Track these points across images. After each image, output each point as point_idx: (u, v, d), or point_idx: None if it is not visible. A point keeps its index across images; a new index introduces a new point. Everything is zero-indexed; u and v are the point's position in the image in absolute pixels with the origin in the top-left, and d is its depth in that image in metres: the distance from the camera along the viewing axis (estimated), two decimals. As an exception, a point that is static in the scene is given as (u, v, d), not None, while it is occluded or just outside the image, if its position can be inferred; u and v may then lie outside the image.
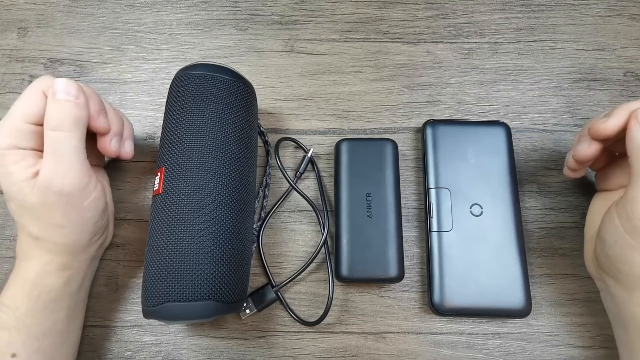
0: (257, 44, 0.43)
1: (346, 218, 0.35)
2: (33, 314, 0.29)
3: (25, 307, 0.29)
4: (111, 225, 0.36)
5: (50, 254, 0.30)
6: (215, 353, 0.35)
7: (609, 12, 0.44)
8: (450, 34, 0.43)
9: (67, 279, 0.31)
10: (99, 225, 0.33)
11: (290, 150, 0.40)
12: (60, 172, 0.28)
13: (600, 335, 0.35)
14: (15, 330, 0.29)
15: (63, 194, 0.28)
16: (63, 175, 0.28)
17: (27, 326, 0.29)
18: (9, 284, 0.30)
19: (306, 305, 0.36)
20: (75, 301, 0.33)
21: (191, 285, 0.28)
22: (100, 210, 0.32)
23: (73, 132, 0.28)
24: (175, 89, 0.34)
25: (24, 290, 0.30)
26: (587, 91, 0.42)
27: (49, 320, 0.30)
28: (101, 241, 0.34)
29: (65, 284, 0.31)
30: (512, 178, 0.37)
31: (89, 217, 0.31)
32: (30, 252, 0.30)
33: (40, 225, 0.30)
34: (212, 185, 0.30)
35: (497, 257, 0.35)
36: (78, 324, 0.34)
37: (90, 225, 0.31)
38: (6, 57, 0.43)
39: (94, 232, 0.32)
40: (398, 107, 0.41)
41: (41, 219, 0.29)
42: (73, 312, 0.33)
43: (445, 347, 0.35)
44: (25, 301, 0.29)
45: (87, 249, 0.32)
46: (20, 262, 0.31)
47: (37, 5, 0.44)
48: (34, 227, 0.30)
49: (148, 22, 0.44)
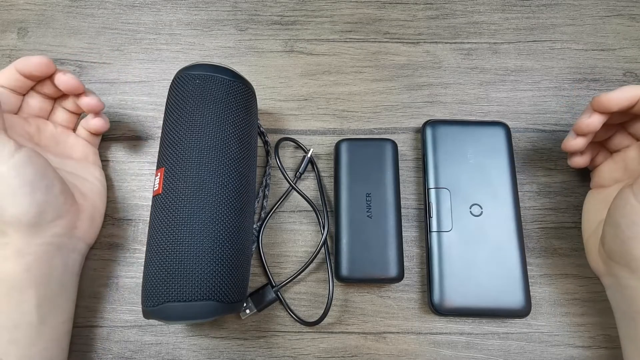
0: (257, 44, 0.43)
1: (346, 218, 0.35)
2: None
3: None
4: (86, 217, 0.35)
5: (3, 236, 0.30)
6: (215, 353, 0.35)
7: (609, 12, 0.44)
8: (449, 34, 0.44)
9: (26, 266, 0.30)
10: (41, 198, 0.31)
11: (290, 151, 0.40)
12: None
13: (600, 335, 0.35)
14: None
15: None
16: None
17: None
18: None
19: (306, 306, 0.36)
20: (45, 294, 0.31)
21: (191, 285, 0.28)
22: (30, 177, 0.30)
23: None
24: (175, 89, 0.34)
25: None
26: (587, 91, 0.42)
27: (17, 311, 0.30)
28: (63, 225, 0.33)
29: (26, 271, 0.30)
30: (511, 178, 0.37)
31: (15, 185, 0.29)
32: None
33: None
34: (212, 186, 0.30)
35: (496, 257, 0.35)
36: (58, 319, 0.32)
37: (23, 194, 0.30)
38: (6, 57, 0.43)
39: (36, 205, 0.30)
40: (398, 107, 0.41)
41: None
42: (47, 306, 0.31)
43: (445, 347, 0.35)
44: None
45: (40, 230, 0.31)
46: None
47: (37, 6, 0.45)
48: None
49: (148, 23, 0.44)
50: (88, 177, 0.37)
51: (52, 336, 0.32)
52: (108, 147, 0.40)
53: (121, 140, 0.40)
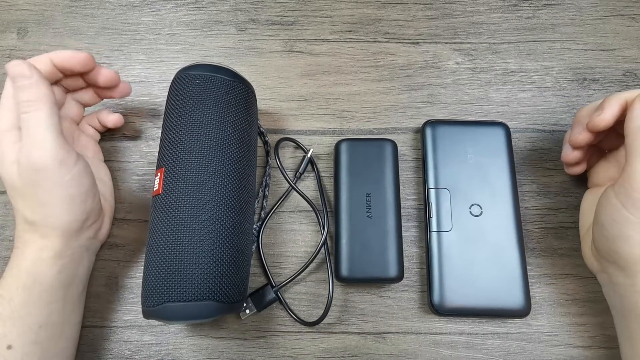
0: (257, 45, 0.43)
1: (346, 218, 0.35)
2: (27, 305, 0.29)
3: (20, 297, 0.29)
4: (107, 218, 0.36)
5: (44, 239, 0.30)
6: (215, 353, 0.35)
7: (608, 12, 0.44)
8: (449, 35, 0.44)
9: (60, 268, 0.31)
10: (90, 206, 0.32)
11: (290, 151, 0.40)
12: (34, 149, 0.29)
13: (600, 335, 0.35)
14: (10, 321, 0.29)
15: (39, 169, 0.29)
16: (34, 150, 0.29)
17: (22, 317, 0.29)
18: (5, 275, 0.30)
19: (306, 306, 0.36)
20: (71, 294, 0.32)
21: (191, 285, 0.28)
22: (86, 187, 0.31)
23: (41, 109, 0.29)
24: (175, 89, 0.34)
25: (19, 280, 0.30)
26: (587, 91, 0.42)
27: (45, 312, 0.30)
28: (95, 228, 0.34)
29: (59, 273, 0.31)
30: (511, 178, 0.37)
31: (75, 194, 0.30)
32: (26, 238, 0.31)
33: (30, 206, 0.30)
34: (212, 186, 0.30)
35: (496, 257, 0.35)
36: (76, 319, 0.33)
37: (79, 203, 0.31)
38: (6, 57, 0.43)
39: (85, 213, 0.32)
40: (397, 107, 0.41)
41: (28, 198, 0.30)
42: (70, 305, 0.32)
43: (445, 347, 0.35)
44: (20, 291, 0.29)
45: (80, 234, 0.32)
46: (17, 249, 0.31)
47: (37, 6, 0.45)
48: (27, 210, 0.30)
49: (148, 23, 0.44)
50: (103, 177, 0.37)
51: (71, 335, 0.33)
52: (108, 147, 0.40)
53: (121, 140, 0.40)
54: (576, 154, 0.34)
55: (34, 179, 0.29)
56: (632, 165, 0.28)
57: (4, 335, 0.29)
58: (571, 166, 0.36)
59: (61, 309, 0.31)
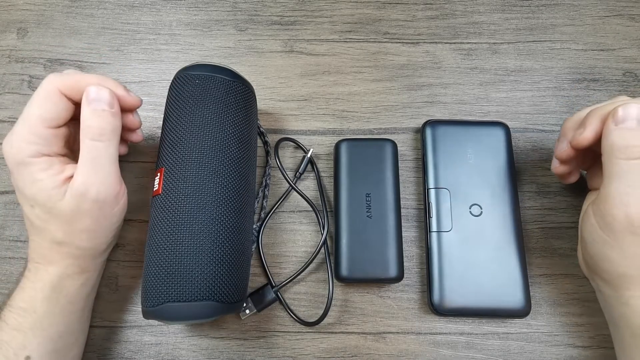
0: (257, 45, 0.43)
1: (346, 218, 0.35)
2: (51, 316, 0.30)
3: (44, 309, 0.29)
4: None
5: (71, 258, 0.30)
6: (215, 353, 0.35)
7: (608, 12, 0.44)
8: (449, 35, 0.44)
9: (84, 281, 0.32)
10: (119, 229, 0.34)
11: (289, 151, 0.40)
12: (97, 180, 0.29)
13: (600, 335, 0.35)
14: (30, 332, 0.29)
15: (98, 201, 0.29)
16: (100, 183, 0.29)
17: (44, 328, 0.29)
18: (24, 287, 0.30)
19: (306, 306, 0.36)
20: (88, 303, 0.33)
21: (191, 285, 0.28)
22: (124, 215, 0.33)
23: (112, 140, 0.29)
24: (175, 90, 0.34)
25: (43, 293, 0.30)
26: (587, 91, 0.42)
27: (65, 322, 0.31)
28: (114, 243, 0.35)
29: (82, 286, 0.32)
30: (511, 178, 0.37)
31: (115, 222, 0.32)
32: (52, 256, 0.30)
33: (68, 230, 0.30)
34: (212, 186, 0.30)
35: (496, 257, 0.35)
36: (88, 326, 0.34)
37: (114, 229, 0.32)
38: (6, 57, 0.43)
39: (116, 236, 0.33)
40: (397, 107, 0.41)
41: (71, 224, 0.29)
42: (87, 313, 0.33)
43: (445, 347, 0.35)
44: (45, 303, 0.29)
45: (105, 251, 0.33)
46: (39, 265, 0.30)
47: (37, 6, 0.45)
48: (60, 233, 0.30)
49: (148, 23, 0.44)
50: None
51: (83, 341, 0.34)
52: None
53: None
54: (564, 167, 0.34)
55: (86, 208, 0.29)
56: (606, 187, 0.28)
57: (24, 346, 0.29)
58: (562, 177, 0.36)
59: (79, 318, 0.32)
